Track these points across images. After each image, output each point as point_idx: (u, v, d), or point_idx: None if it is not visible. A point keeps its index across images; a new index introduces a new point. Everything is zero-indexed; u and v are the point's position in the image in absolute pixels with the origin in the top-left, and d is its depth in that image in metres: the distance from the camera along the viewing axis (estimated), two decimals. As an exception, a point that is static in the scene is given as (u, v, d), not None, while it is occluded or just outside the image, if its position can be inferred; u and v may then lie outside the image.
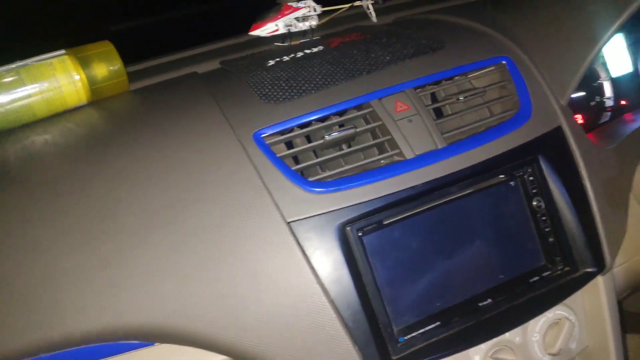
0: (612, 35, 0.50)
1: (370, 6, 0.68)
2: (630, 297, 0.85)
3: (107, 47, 0.56)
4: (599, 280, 0.52)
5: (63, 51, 0.54)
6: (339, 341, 0.43)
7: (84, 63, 0.54)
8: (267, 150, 0.46)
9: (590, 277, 0.51)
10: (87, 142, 0.48)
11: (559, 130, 0.52)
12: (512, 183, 0.50)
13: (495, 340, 0.49)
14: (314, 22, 0.65)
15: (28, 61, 0.52)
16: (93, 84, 0.54)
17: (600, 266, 0.51)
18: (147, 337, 0.42)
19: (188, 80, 0.57)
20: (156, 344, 0.45)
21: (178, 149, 0.46)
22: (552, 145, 0.51)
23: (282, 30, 0.65)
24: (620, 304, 0.55)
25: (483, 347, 0.48)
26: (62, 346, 0.41)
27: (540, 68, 0.54)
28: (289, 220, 0.44)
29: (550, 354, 0.50)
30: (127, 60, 0.56)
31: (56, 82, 0.52)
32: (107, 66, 0.55)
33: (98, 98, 0.55)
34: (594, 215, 0.51)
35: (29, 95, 0.51)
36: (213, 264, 0.42)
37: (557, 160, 0.51)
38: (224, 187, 0.44)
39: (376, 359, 0.43)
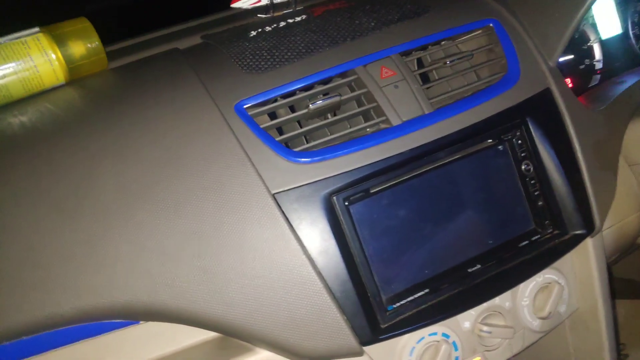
0: None
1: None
2: (620, 263, 0.86)
3: (84, 24, 0.54)
4: (588, 242, 0.51)
5: (37, 29, 0.52)
6: (327, 312, 0.42)
7: (60, 41, 0.52)
8: (250, 121, 0.45)
9: (579, 239, 0.51)
10: (66, 121, 0.47)
11: (547, 92, 0.51)
12: (500, 147, 0.49)
13: (485, 305, 0.49)
14: (296, -8, 0.63)
15: (0, 40, 0.50)
16: (70, 63, 0.52)
17: (590, 228, 0.51)
18: (132, 316, 0.42)
19: (168, 56, 0.55)
20: (141, 322, 0.45)
21: (158, 124, 0.45)
22: (541, 108, 0.50)
23: (264, 1, 0.63)
24: (609, 268, 0.55)
25: (473, 312, 0.48)
26: (46, 327, 0.40)
27: (528, 30, 0.53)
28: (273, 191, 0.43)
29: (540, 318, 0.50)
30: (105, 40, 0.54)
31: (31, 61, 0.50)
32: (84, 44, 0.53)
33: (76, 77, 0.54)
34: (583, 177, 0.51)
35: (4, 76, 0.49)
36: (196, 239, 0.41)
37: (546, 122, 0.50)
38: (205, 160, 0.43)
39: (365, 328, 0.43)
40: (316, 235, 0.43)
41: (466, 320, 0.48)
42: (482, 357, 0.50)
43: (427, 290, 0.46)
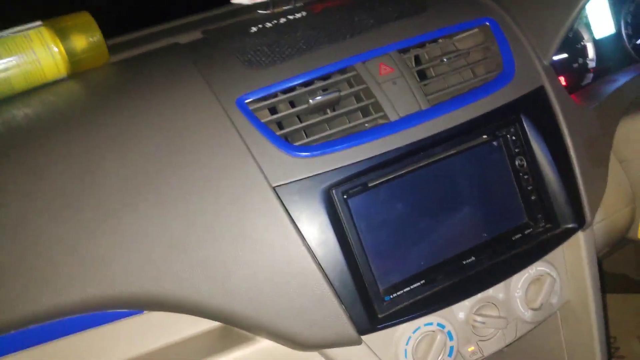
0: None
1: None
2: (612, 258, 0.88)
3: (85, 17, 0.55)
4: (580, 236, 0.53)
5: (40, 22, 0.52)
6: (326, 301, 0.43)
7: (62, 34, 0.53)
8: (251, 115, 0.46)
9: (570, 233, 0.52)
10: (68, 113, 0.48)
11: (541, 90, 0.52)
12: (495, 143, 0.50)
13: (479, 296, 0.50)
14: (296, -11, 0.64)
15: (3, 33, 0.51)
16: (72, 56, 0.53)
17: (581, 222, 0.52)
18: (135, 305, 0.43)
19: (170, 50, 0.56)
20: (145, 312, 0.46)
21: (160, 117, 0.45)
22: (535, 105, 0.52)
23: (264, -3, 0.64)
24: (600, 261, 0.57)
25: (467, 303, 0.50)
26: (51, 317, 0.41)
27: (523, 29, 0.54)
28: (274, 184, 0.44)
29: (532, 309, 0.52)
30: (106, 34, 0.55)
31: (33, 54, 0.51)
32: (86, 37, 0.54)
33: (78, 70, 0.54)
34: (575, 172, 0.52)
35: (6, 69, 0.50)
36: (198, 229, 0.42)
37: (540, 119, 0.51)
38: (208, 153, 0.44)
39: (363, 317, 0.44)
40: (315, 227, 0.44)
41: (461, 310, 0.50)
42: (476, 347, 0.51)
43: (423, 282, 0.48)
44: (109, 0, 0.80)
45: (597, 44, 0.66)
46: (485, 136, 0.50)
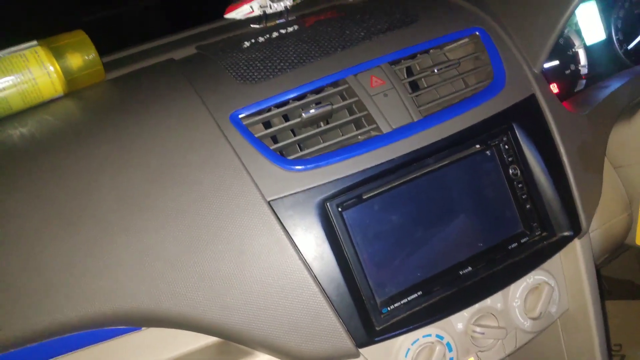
0: (579, 2, 0.50)
1: (345, -16, 0.67)
2: (615, 264, 0.87)
3: (81, 36, 0.55)
4: (576, 243, 0.53)
5: (35, 42, 0.53)
6: (323, 315, 0.43)
7: (58, 53, 0.53)
8: (245, 130, 0.46)
9: (567, 240, 0.52)
10: (65, 132, 0.48)
11: (532, 98, 0.52)
12: (488, 152, 0.50)
13: (477, 307, 0.50)
14: (288, 3, 0.65)
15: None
16: (68, 75, 0.53)
17: (577, 230, 0.52)
18: (134, 322, 0.43)
19: (164, 67, 0.56)
20: (143, 328, 0.45)
21: (156, 135, 0.46)
22: (527, 113, 0.52)
23: (257, 11, 0.64)
24: (599, 268, 0.56)
25: (465, 314, 0.50)
26: (49, 335, 0.41)
27: (513, 38, 0.55)
28: (269, 199, 0.44)
29: (531, 318, 0.51)
30: (102, 51, 0.55)
31: (30, 74, 0.51)
32: (81, 56, 0.54)
33: (74, 89, 0.55)
34: (569, 180, 0.52)
35: (3, 89, 0.50)
36: (195, 246, 0.42)
37: (532, 127, 0.52)
38: (203, 169, 0.44)
39: (360, 331, 0.44)
40: (311, 241, 0.44)
41: (459, 321, 0.50)
42: (475, 358, 0.51)
43: (420, 293, 0.47)
44: (105, 17, 0.81)
45: (588, 50, 0.67)
46: (478, 146, 0.50)
